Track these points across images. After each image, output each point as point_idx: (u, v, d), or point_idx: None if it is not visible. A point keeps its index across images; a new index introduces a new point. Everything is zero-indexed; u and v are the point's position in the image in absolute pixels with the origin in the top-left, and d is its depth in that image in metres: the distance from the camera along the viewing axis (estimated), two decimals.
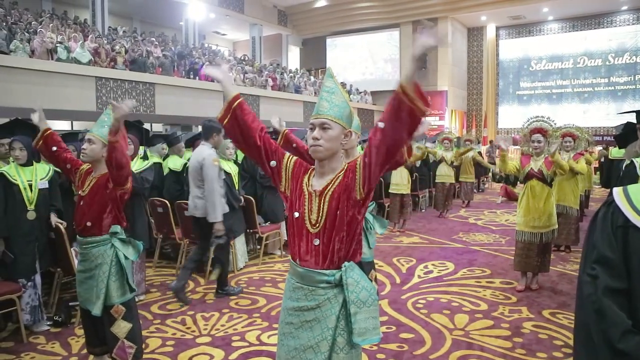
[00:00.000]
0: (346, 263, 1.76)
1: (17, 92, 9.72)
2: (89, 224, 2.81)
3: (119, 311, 2.78)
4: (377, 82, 23.47)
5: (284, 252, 6.22)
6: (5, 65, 9.52)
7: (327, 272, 1.76)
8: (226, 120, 1.92)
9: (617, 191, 1.39)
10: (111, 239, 2.85)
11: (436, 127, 20.53)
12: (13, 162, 3.86)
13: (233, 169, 5.33)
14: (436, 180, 9.44)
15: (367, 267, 3.28)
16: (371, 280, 3.23)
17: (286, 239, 6.53)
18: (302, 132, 5.72)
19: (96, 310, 2.74)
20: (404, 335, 3.70)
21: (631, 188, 1.38)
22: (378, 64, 23.73)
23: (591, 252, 1.38)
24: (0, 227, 3.66)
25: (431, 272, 5.50)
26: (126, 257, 2.84)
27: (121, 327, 2.77)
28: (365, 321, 1.71)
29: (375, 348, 3.46)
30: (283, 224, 6.31)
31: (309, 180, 1.87)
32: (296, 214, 1.82)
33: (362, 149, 8.45)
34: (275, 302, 4.47)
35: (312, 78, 21.08)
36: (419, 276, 5.32)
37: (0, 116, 9.43)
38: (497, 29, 23.25)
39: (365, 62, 23.99)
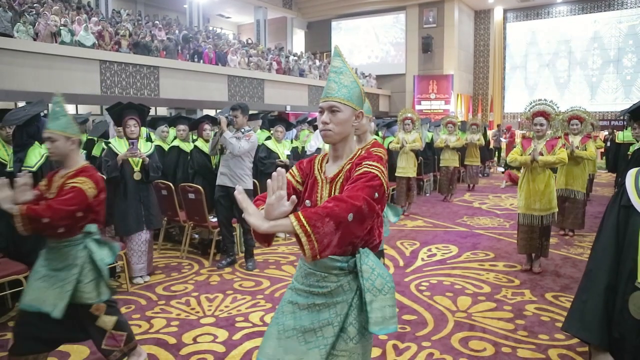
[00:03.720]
0: (361, 249, 1.70)
1: (22, 75, 9.72)
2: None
3: (99, 308, 2.57)
4: (383, 65, 23.30)
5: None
6: (9, 48, 9.50)
7: (340, 258, 1.70)
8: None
9: (630, 173, 1.44)
10: (84, 240, 2.57)
11: (442, 111, 20.41)
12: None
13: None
14: (440, 164, 9.42)
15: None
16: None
17: None
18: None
19: (56, 312, 2.43)
20: (406, 317, 3.72)
21: None
22: (383, 48, 23.52)
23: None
24: None
25: (435, 255, 5.51)
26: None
27: (106, 322, 2.61)
28: (382, 310, 1.65)
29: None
30: None
31: (321, 166, 1.83)
32: (307, 202, 1.78)
33: (380, 134, 8.52)
34: (279, 284, 4.50)
35: (317, 62, 20.94)
36: (423, 259, 5.33)
37: (4, 99, 9.50)
38: (505, 11, 22.94)
39: (371, 45, 23.79)
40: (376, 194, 1.58)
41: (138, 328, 3.53)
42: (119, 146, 4.57)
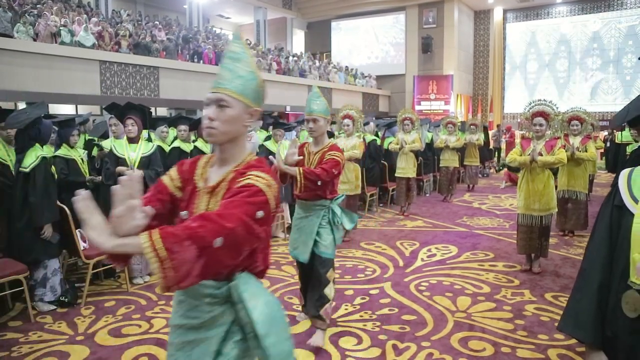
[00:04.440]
0: (239, 274, 1.42)
1: (22, 75, 9.72)
2: None
3: None
4: (382, 66, 23.31)
5: (287, 235, 6.25)
6: (9, 49, 9.50)
7: (212, 283, 1.40)
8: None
9: (623, 173, 1.45)
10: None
11: (441, 111, 20.40)
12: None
13: None
14: (440, 165, 9.43)
15: (326, 265, 3.22)
16: (329, 282, 3.20)
17: (290, 222, 6.55)
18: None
19: None
20: (406, 317, 3.73)
21: (637, 170, 1.41)
22: (383, 48, 23.53)
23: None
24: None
25: (434, 255, 5.52)
26: None
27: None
28: (279, 345, 1.38)
29: (377, 329, 3.50)
30: (286, 206, 6.34)
31: (204, 170, 1.56)
32: (184, 214, 1.51)
33: (380, 134, 8.27)
34: (279, 284, 4.51)
35: (317, 62, 20.94)
36: (422, 259, 5.34)
37: (4, 100, 9.49)
38: (505, 11, 22.95)
39: (371, 45, 23.79)
40: (259, 213, 1.32)
41: (138, 328, 3.54)
42: (120, 148, 4.58)
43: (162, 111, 14.07)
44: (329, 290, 3.22)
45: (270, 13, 22.94)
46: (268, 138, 6.59)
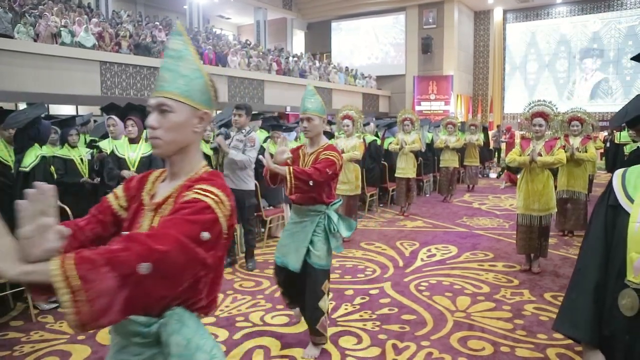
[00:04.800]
0: (171, 312, 1.18)
1: (22, 76, 9.74)
2: None
3: None
4: (383, 66, 23.33)
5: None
6: (9, 49, 9.52)
7: (142, 319, 1.17)
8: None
9: (617, 173, 1.45)
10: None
11: (442, 112, 20.42)
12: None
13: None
14: (440, 165, 9.44)
15: (320, 276, 3.05)
16: (323, 294, 3.01)
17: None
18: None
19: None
20: (406, 317, 3.75)
21: (632, 169, 1.41)
22: (383, 48, 23.55)
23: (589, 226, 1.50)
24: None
25: (434, 255, 5.53)
26: None
27: None
28: None
29: (377, 329, 3.51)
30: (287, 207, 6.35)
31: (154, 185, 1.38)
32: (125, 235, 1.26)
33: (380, 135, 8.25)
34: None
35: (317, 62, 20.97)
36: (422, 259, 5.35)
37: (4, 100, 9.51)
38: (505, 12, 22.97)
39: (371, 46, 23.82)
40: (204, 234, 1.11)
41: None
42: (120, 148, 4.59)
43: None
44: (324, 303, 3.05)
45: (270, 13, 22.98)
46: (267, 138, 6.60)
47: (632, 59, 1.70)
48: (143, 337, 1.19)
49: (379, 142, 8.71)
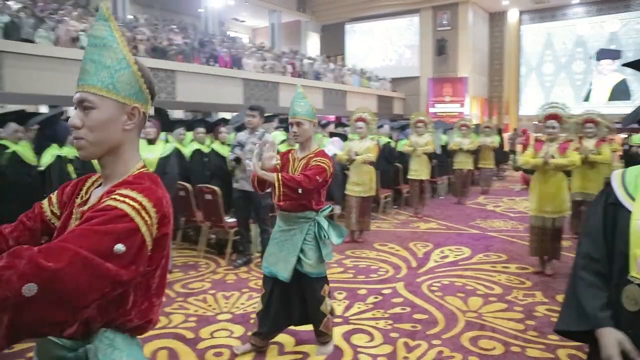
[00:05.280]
0: (100, 333, 1.07)
1: (43, 79, 9.98)
2: None
3: None
4: (397, 68, 23.33)
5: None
6: (31, 54, 9.78)
7: (68, 343, 1.06)
8: None
9: (616, 172, 1.50)
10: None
11: (456, 114, 20.35)
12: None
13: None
14: (454, 167, 9.45)
15: (316, 284, 3.02)
16: (323, 298, 2.99)
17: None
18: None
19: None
20: (417, 316, 3.80)
21: (631, 170, 1.46)
22: (397, 50, 23.55)
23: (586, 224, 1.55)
24: None
25: (447, 256, 5.56)
26: None
27: None
28: None
29: (389, 327, 3.57)
30: None
31: (88, 190, 1.25)
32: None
33: (393, 137, 8.29)
34: None
35: (332, 65, 21.05)
36: (435, 260, 5.39)
37: (27, 103, 9.75)
38: (520, 13, 22.82)
39: (385, 48, 23.83)
40: (119, 247, 0.96)
41: (157, 323, 3.65)
42: (141, 148, 4.71)
43: (178, 114, 14.30)
44: (325, 306, 3.03)
45: (284, 16, 23.14)
46: (284, 141, 6.68)
47: (625, 65, 1.70)
48: None
49: (392, 144, 8.76)
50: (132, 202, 1.02)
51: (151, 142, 4.77)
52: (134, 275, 1.01)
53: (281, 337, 3.35)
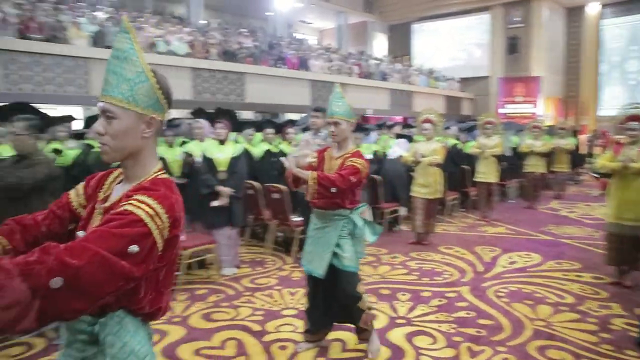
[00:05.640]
0: (114, 313, 1.22)
1: None
2: None
3: None
4: (466, 68, 22.75)
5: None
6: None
7: (87, 318, 1.22)
8: None
9: None
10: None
11: (529, 114, 19.52)
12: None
13: None
14: (525, 170, 9.09)
15: (353, 280, 3.01)
16: (360, 295, 2.96)
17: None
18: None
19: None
20: (482, 321, 3.73)
21: None
22: (466, 49, 22.95)
23: None
24: None
25: (515, 262, 5.39)
26: None
27: None
28: None
29: (452, 331, 3.54)
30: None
31: (110, 186, 1.37)
32: (81, 233, 1.29)
33: (460, 138, 8.11)
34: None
35: (398, 65, 20.88)
36: (502, 266, 5.24)
37: None
38: (603, 6, 21.43)
39: (453, 47, 23.31)
40: (132, 248, 1.09)
41: (226, 314, 3.86)
42: (210, 150, 4.93)
43: (247, 114, 14.78)
44: (363, 303, 3.03)
45: (351, 17, 23.25)
46: None
47: None
48: (86, 335, 1.23)
49: (460, 145, 8.59)
50: (146, 208, 1.14)
51: (222, 142, 4.99)
52: (145, 272, 1.14)
53: (343, 335, 3.42)
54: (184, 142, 6.78)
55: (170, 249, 1.22)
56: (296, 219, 5.43)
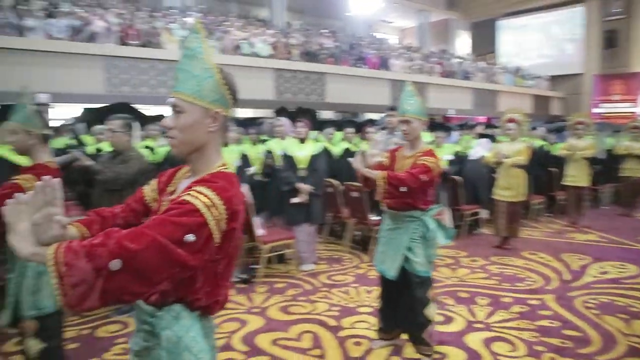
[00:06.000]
0: (169, 307, 1.27)
1: None
2: None
3: (29, 327, 2.36)
4: (556, 65, 21.48)
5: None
6: None
7: (149, 309, 1.30)
8: None
9: None
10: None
11: (628, 114, 18.04)
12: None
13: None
14: (621, 174, 8.43)
15: (424, 284, 2.95)
16: (429, 301, 2.89)
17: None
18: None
19: (2, 319, 2.41)
20: (568, 332, 3.54)
21: None
22: (557, 45, 21.63)
23: None
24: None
25: (607, 272, 5.04)
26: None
27: (31, 346, 2.37)
28: None
29: (534, 339, 3.40)
30: (449, 211, 6.34)
31: (179, 181, 1.44)
32: None
33: (547, 140, 7.77)
34: (438, 283, 4.56)
35: (482, 63, 20.15)
36: (593, 275, 4.92)
37: None
38: None
39: (542, 44, 22.07)
40: (189, 237, 1.13)
41: (303, 308, 3.98)
42: (291, 148, 5.08)
43: (328, 114, 14.98)
44: (430, 311, 2.95)
45: (433, 15, 22.77)
46: (430, 144, 6.65)
47: None
48: (148, 325, 1.30)
49: (547, 147, 8.15)
50: (204, 199, 1.18)
51: (302, 141, 5.12)
52: (200, 261, 1.17)
53: None
54: (264, 140, 7.05)
55: (228, 241, 1.24)
56: (374, 217, 5.45)
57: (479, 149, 6.57)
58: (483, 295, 4.28)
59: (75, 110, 9.32)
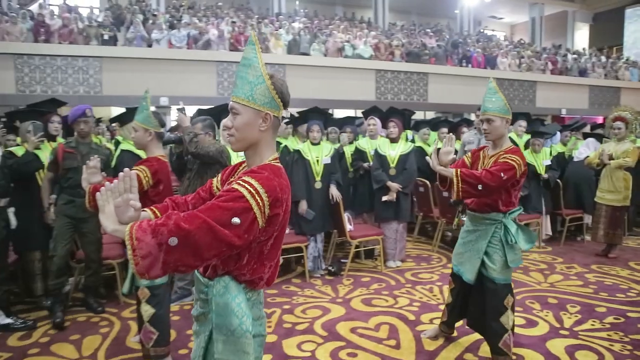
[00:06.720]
0: (219, 279, 1.50)
1: (311, 86, 11.69)
2: None
3: (143, 294, 2.79)
4: None
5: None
6: (304, 64, 11.68)
7: (203, 280, 1.54)
8: None
9: None
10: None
11: None
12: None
13: None
14: None
15: (501, 291, 2.83)
16: (506, 309, 2.77)
17: (549, 233, 6.25)
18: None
19: (124, 288, 2.89)
20: None
21: None
22: None
23: None
24: (301, 191, 4.71)
25: None
26: None
27: (144, 310, 2.80)
28: (226, 353, 1.48)
29: (626, 352, 3.19)
30: (547, 218, 6.06)
31: (239, 172, 1.61)
32: None
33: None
34: (522, 287, 4.45)
35: (604, 58, 18.50)
36: None
37: (297, 106, 11.64)
38: None
39: None
40: (235, 219, 1.31)
41: (385, 302, 4.12)
42: (383, 147, 5.23)
43: (430, 115, 14.83)
44: (507, 319, 2.82)
45: (547, 8, 21.35)
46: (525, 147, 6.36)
47: None
48: (204, 294, 1.53)
49: None
50: (249, 187, 1.36)
51: (394, 140, 5.24)
52: (245, 242, 1.35)
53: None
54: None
55: (271, 225, 1.43)
56: (464, 218, 5.40)
57: (584, 150, 6.18)
58: (574, 303, 4.08)
59: (190, 111, 10.31)
